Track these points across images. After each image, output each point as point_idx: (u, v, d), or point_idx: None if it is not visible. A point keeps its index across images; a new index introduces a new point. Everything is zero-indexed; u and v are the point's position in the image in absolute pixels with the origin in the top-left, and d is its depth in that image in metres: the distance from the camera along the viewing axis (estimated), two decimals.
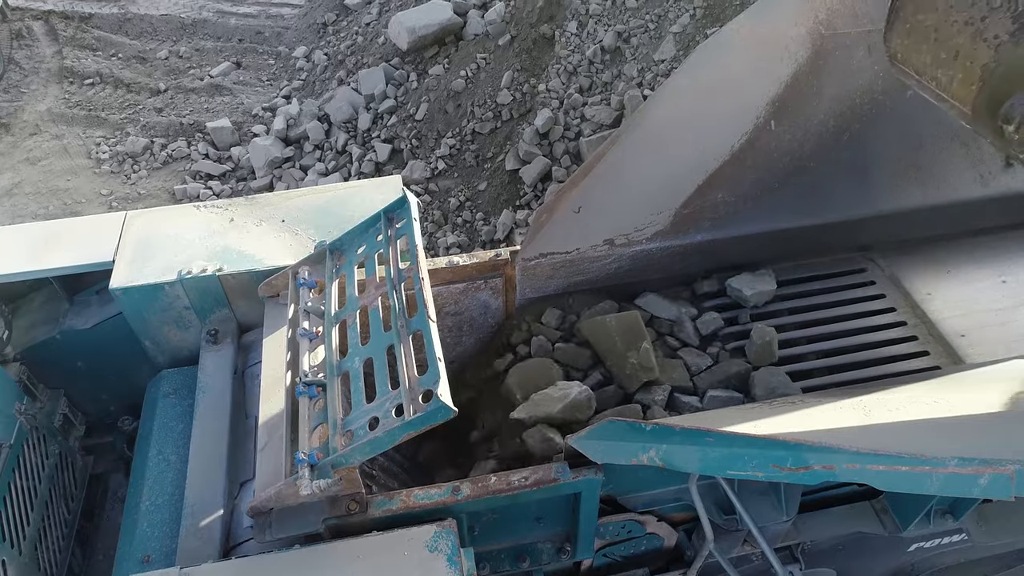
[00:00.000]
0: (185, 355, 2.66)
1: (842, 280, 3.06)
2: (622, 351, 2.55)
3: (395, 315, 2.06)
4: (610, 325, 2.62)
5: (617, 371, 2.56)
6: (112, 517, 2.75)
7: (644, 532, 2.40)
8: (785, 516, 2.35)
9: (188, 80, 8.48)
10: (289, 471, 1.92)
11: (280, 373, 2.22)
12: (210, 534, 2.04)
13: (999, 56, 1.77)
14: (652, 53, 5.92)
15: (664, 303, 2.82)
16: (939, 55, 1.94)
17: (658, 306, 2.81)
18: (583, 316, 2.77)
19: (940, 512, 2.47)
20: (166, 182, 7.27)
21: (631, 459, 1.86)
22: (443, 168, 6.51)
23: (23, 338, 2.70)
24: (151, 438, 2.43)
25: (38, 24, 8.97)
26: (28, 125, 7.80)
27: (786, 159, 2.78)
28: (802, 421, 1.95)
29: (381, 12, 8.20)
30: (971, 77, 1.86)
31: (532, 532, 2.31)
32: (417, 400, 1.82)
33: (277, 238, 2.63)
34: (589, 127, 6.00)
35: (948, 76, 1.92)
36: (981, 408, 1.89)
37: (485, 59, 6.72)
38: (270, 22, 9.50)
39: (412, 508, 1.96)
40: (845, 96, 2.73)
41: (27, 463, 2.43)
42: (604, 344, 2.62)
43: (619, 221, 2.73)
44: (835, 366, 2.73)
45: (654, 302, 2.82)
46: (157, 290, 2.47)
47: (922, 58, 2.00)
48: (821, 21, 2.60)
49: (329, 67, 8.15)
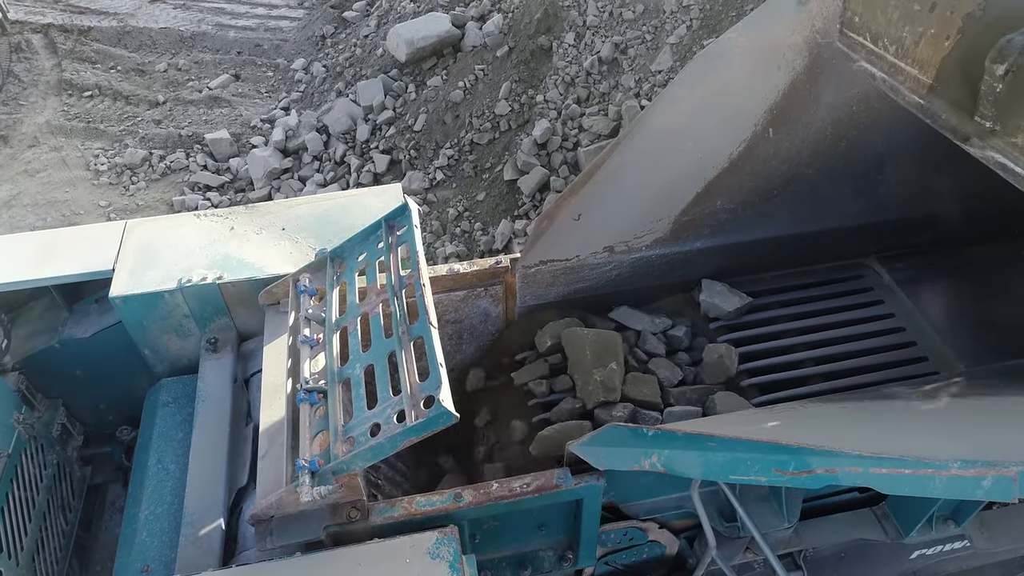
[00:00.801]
0: (184, 364, 2.65)
1: (840, 287, 3.07)
2: (590, 367, 2.57)
3: (396, 321, 2.06)
4: (586, 338, 2.64)
5: (581, 384, 2.58)
6: (110, 528, 2.73)
7: (646, 539, 2.39)
8: (787, 523, 2.34)
9: (187, 92, 8.52)
10: (290, 478, 1.91)
11: (281, 380, 2.22)
12: (210, 543, 2.03)
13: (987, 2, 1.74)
14: (649, 64, 5.96)
15: (638, 315, 2.83)
16: (911, 8, 1.87)
17: (632, 318, 2.83)
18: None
19: (942, 518, 2.46)
20: (164, 193, 7.28)
21: (633, 464, 1.86)
22: (441, 178, 6.53)
23: (22, 347, 2.69)
24: (150, 447, 2.42)
25: (37, 37, 9.01)
26: (27, 137, 7.82)
27: (784, 167, 2.79)
28: (803, 425, 1.95)
29: (379, 24, 8.25)
30: (947, 30, 1.80)
31: (534, 540, 2.30)
32: (419, 406, 1.82)
33: (277, 246, 2.63)
34: (587, 137, 6.03)
35: (916, 33, 1.87)
36: (983, 411, 1.89)
37: (483, 70, 6.76)
38: (269, 35, 9.55)
39: (414, 515, 1.95)
40: (842, 104, 2.74)
41: (25, 473, 2.42)
42: (576, 355, 2.64)
43: (619, 228, 2.74)
44: (834, 372, 2.74)
45: (628, 314, 2.83)
46: (157, 298, 2.47)
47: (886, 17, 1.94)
48: (818, 30, 2.62)
49: (327, 79, 8.19)
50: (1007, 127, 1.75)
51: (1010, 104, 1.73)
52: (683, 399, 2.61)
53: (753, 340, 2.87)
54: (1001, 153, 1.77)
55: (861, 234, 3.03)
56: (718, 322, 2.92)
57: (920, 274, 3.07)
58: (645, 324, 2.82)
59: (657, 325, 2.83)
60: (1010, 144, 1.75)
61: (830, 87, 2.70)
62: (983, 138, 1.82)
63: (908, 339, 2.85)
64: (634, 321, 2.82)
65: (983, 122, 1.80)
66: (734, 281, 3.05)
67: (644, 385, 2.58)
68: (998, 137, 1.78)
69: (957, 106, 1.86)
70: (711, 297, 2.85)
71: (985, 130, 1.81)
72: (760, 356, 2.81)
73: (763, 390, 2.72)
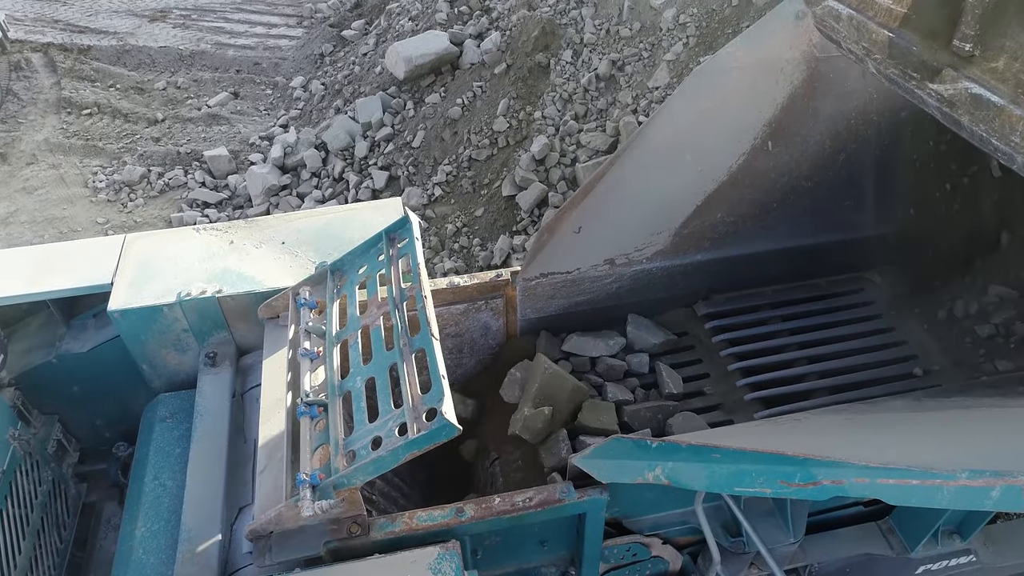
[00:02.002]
0: (182, 379, 2.63)
1: (841, 300, 3.07)
2: (529, 399, 2.55)
3: (397, 334, 2.05)
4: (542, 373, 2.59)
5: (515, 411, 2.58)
6: (105, 546, 2.69)
7: (649, 555, 2.36)
8: (792, 538, 2.31)
9: (186, 110, 8.55)
10: (290, 493, 1.89)
11: (280, 394, 2.20)
12: (207, 560, 1.99)
13: None
14: (646, 80, 6.00)
15: (590, 342, 2.81)
16: None
17: (584, 346, 2.81)
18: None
19: (947, 532, 2.44)
20: (163, 210, 7.28)
21: (636, 477, 1.84)
22: (440, 195, 6.54)
23: (19, 362, 2.66)
24: (147, 463, 2.39)
25: (37, 56, 9.05)
26: (25, 155, 7.82)
27: (784, 179, 2.80)
28: (808, 437, 1.93)
29: (378, 43, 8.31)
30: None
31: (536, 556, 2.27)
32: (421, 419, 1.80)
33: (277, 260, 2.62)
34: (585, 153, 6.06)
35: None
36: (990, 422, 1.88)
37: (481, 87, 6.80)
38: (268, 53, 9.61)
39: (415, 530, 1.93)
40: (840, 117, 2.76)
41: (19, 490, 2.39)
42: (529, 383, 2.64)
43: (619, 241, 2.74)
44: (835, 386, 2.73)
45: (579, 343, 2.81)
46: (156, 312, 2.45)
47: None
48: (815, 45, 2.64)
49: (326, 96, 8.23)
50: (989, 49, 1.67)
51: (996, 20, 1.65)
52: (636, 418, 2.57)
53: (754, 354, 2.86)
54: (977, 82, 1.68)
55: (861, 247, 3.03)
56: (722, 335, 2.91)
57: (920, 287, 3.07)
58: (600, 349, 2.80)
59: (611, 347, 2.81)
60: (988, 71, 1.67)
61: (828, 101, 2.72)
62: (957, 68, 1.73)
63: (909, 352, 2.84)
64: (587, 349, 2.80)
65: (962, 45, 1.71)
66: (734, 295, 3.05)
67: (602, 413, 2.57)
68: (975, 65, 1.70)
69: (931, 36, 1.79)
70: (637, 330, 2.86)
71: (961, 57, 1.74)
72: (761, 370, 2.80)
73: (765, 403, 2.71)
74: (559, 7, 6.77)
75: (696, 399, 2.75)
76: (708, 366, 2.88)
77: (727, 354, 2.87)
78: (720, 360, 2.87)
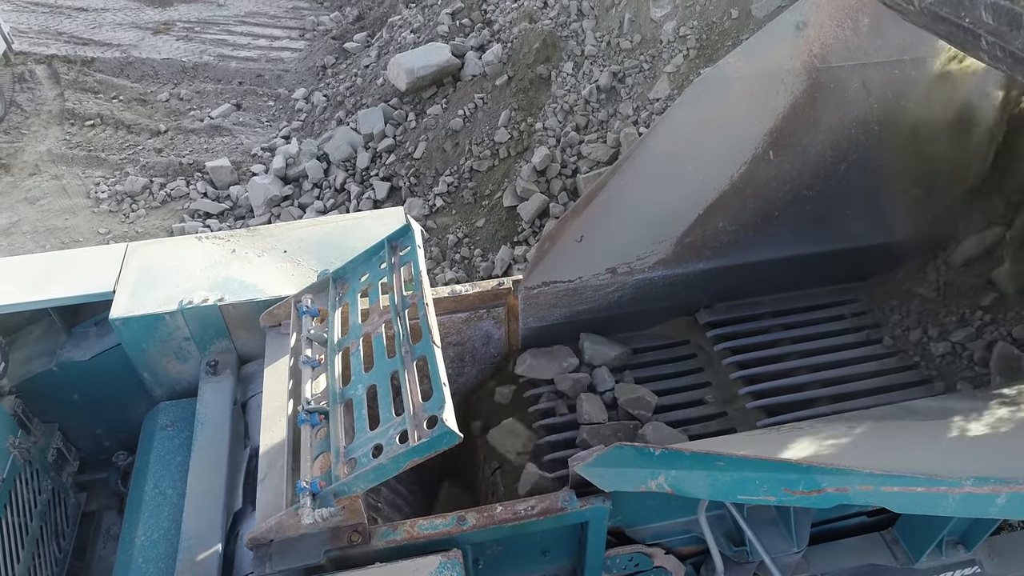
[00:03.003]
0: (183, 387, 2.62)
1: (842, 309, 3.07)
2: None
3: (399, 342, 2.05)
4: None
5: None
6: (104, 556, 2.67)
7: (652, 565, 2.34)
8: (796, 547, 2.30)
9: (188, 121, 8.58)
10: (290, 500, 1.88)
11: (282, 402, 2.19)
12: (207, 568, 1.98)
13: None
14: (647, 92, 6.03)
15: (543, 365, 2.79)
16: None
17: (538, 369, 2.79)
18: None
19: (952, 543, 2.43)
20: (164, 221, 7.29)
21: (639, 485, 1.83)
22: (441, 205, 6.55)
23: (19, 370, 2.66)
24: (147, 471, 2.38)
25: (41, 68, 9.10)
26: (27, 165, 7.85)
27: (785, 188, 2.81)
28: (812, 445, 1.92)
29: (380, 55, 8.35)
30: None
31: (538, 565, 2.25)
32: (422, 426, 1.79)
33: (279, 268, 2.62)
34: (586, 164, 6.08)
35: None
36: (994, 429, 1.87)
37: (483, 99, 6.83)
38: (270, 65, 9.67)
39: (416, 539, 1.91)
40: (841, 127, 2.77)
41: (19, 499, 2.38)
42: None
43: (621, 250, 2.74)
44: (837, 395, 2.72)
45: (533, 366, 2.80)
46: (157, 320, 2.45)
47: None
48: (816, 55, 2.66)
49: (328, 108, 8.26)
50: None
51: None
52: (596, 436, 2.54)
53: (757, 363, 2.86)
54: None
55: (863, 256, 3.03)
56: (725, 344, 2.91)
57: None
58: (554, 370, 2.78)
59: (565, 368, 2.78)
60: None
61: (829, 111, 2.73)
62: None
63: (910, 361, 2.84)
64: (542, 371, 2.78)
65: None
66: (736, 304, 3.05)
67: (508, 438, 2.59)
68: None
69: None
70: (594, 345, 2.84)
71: None
72: (764, 379, 2.79)
73: (768, 412, 2.70)
74: (560, 19, 6.81)
75: (696, 408, 2.75)
76: (710, 375, 2.87)
77: (729, 362, 2.86)
78: (722, 369, 2.86)
